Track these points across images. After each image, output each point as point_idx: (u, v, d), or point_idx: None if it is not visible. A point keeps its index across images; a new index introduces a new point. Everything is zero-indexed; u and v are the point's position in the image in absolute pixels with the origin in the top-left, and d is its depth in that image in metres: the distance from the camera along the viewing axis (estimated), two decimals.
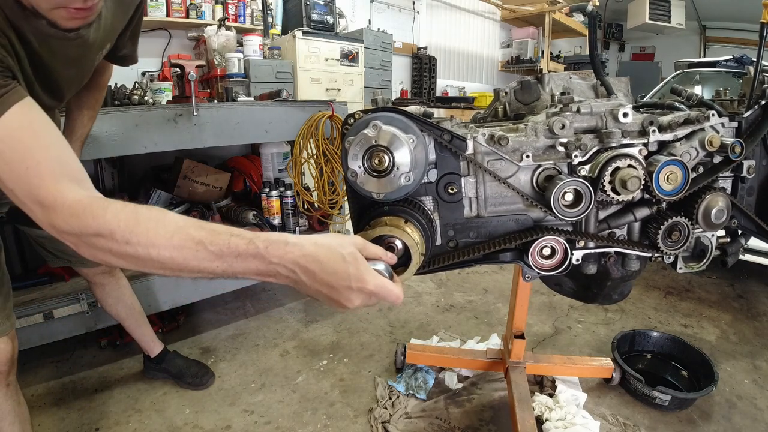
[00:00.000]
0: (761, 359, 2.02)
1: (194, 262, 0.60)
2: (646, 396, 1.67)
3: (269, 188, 2.34)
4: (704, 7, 6.81)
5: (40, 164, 0.65)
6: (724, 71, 3.70)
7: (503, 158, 0.91)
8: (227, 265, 0.60)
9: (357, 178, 0.80)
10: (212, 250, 0.59)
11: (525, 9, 5.97)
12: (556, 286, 1.21)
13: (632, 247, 0.97)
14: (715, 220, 0.95)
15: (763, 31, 1.07)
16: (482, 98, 5.23)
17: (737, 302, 2.61)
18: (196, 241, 0.60)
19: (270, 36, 3.29)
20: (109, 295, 1.62)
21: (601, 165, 0.87)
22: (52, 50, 0.88)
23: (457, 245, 0.96)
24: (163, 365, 1.80)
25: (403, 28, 5.12)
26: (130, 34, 1.19)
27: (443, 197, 0.92)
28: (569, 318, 2.40)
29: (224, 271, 0.61)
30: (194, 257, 0.60)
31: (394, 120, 0.80)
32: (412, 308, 2.50)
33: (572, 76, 1.20)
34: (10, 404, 1.12)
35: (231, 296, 2.55)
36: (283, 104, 2.16)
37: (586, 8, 1.24)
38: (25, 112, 0.70)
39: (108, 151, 1.67)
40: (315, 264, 0.60)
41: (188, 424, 1.60)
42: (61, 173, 0.66)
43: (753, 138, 1.00)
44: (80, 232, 0.62)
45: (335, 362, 1.98)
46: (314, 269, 0.60)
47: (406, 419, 1.62)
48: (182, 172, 2.38)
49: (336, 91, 3.42)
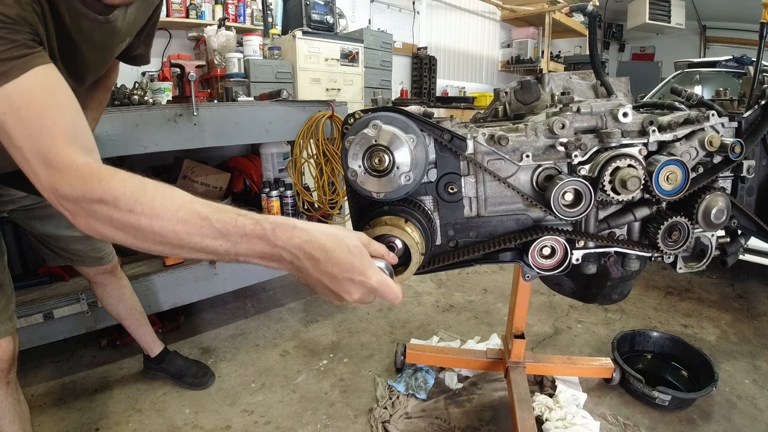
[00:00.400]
0: (761, 359, 2.02)
1: (197, 238, 0.58)
2: (646, 396, 1.67)
3: (269, 188, 2.34)
4: (704, 7, 6.82)
5: (55, 125, 0.65)
6: (724, 71, 3.70)
7: (503, 158, 0.91)
8: (231, 245, 0.59)
9: (357, 177, 0.80)
10: (217, 227, 0.58)
11: (525, 9, 5.98)
12: (556, 286, 1.21)
13: (632, 247, 0.97)
14: (714, 220, 0.95)
15: (762, 30, 1.07)
16: (482, 98, 5.23)
17: (737, 302, 2.61)
18: (202, 217, 0.58)
19: (270, 36, 3.29)
20: (111, 295, 1.61)
21: (600, 165, 0.87)
22: (81, 30, 0.88)
23: (457, 245, 0.96)
24: (163, 365, 1.80)
25: (403, 28, 5.12)
26: (146, 33, 1.19)
27: (443, 197, 0.92)
28: (569, 318, 2.40)
29: (227, 251, 0.59)
30: (198, 233, 0.58)
31: (394, 120, 0.80)
32: (412, 308, 2.50)
33: (572, 76, 1.20)
34: (9, 402, 1.12)
35: (231, 296, 2.55)
36: (283, 104, 2.16)
37: (586, 8, 1.24)
38: (49, 74, 0.70)
39: (108, 151, 1.67)
40: (320, 251, 0.59)
41: (188, 424, 1.60)
42: (74, 138, 0.66)
43: (753, 138, 1.00)
44: (83, 197, 0.60)
45: (335, 362, 1.98)
46: (319, 257, 0.59)
47: (406, 419, 1.62)
48: (182, 172, 2.38)
49: (336, 91, 3.42)
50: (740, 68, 3.58)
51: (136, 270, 1.96)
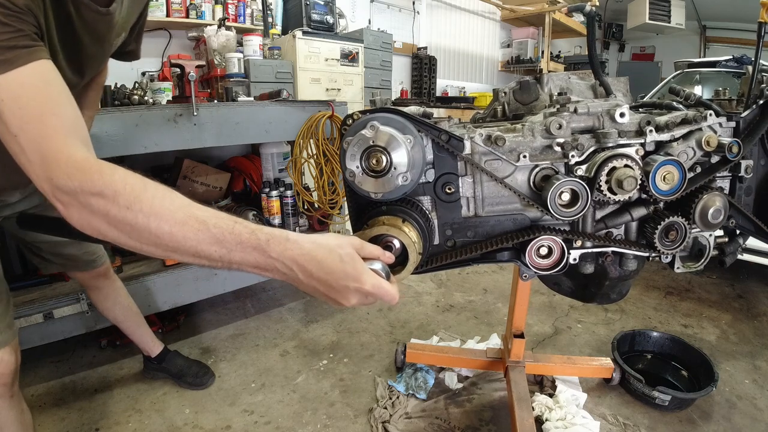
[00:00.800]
0: (761, 359, 2.02)
1: (193, 242, 0.58)
2: (646, 396, 1.67)
3: (269, 188, 2.34)
4: (704, 7, 6.81)
5: (56, 116, 0.64)
6: (724, 71, 3.70)
7: (500, 158, 0.91)
8: (225, 251, 0.58)
9: (355, 178, 0.80)
10: (214, 232, 0.58)
11: (525, 9, 5.98)
12: (555, 286, 1.21)
13: (629, 247, 0.98)
14: (712, 219, 0.95)
15: (761, 30, 1.07)
16: (482, 98, 5.23)
17: (737, 302, 2.61)
18: (200, 221, 0.58)
19: (270, 36, 3.30)
20: (106, 298, 1.61)
21: (597, 165, 0.87)
22: (85, 21, 0.87)
23: (455, 245, 0.96)
24: (163, 365, 1.80)
25: (403, 28, 5.13)
26: (138, 28, 1.20)
27: (441, 197, 0.93)
28: (569, 318, 2.40)
29: (221, 257, 0.59)
30: (194, 237, 0.58)
31: (391, 121, 0.81)
32: (412, 308, 2.50)
33: (571, 77, 1.20)
34: (14, 414, 1.13)
35: (231, 296, 2.55)
36: (283, 104, 2.16)
37: (584, 8, 1.24)
38: (51, 69, 0.69)
39: (108, 151, 1.67)
40: (312, 263, 0.60)
41: (188, 424, 1.60)
42: (74, 131, 0.65)
43: (751, 138, 1.00)
44: (81, 189, 0.59)
45: (335, 362, 1.98)
46: (311, 268, 0.60)
47: (406, 419, 1.63)
48: (182, 172, 2.39)
49: (336, 91, 3.42)
50: (740, 68, 3.58)
51: (135, 270, 1.97)
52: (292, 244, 0.60)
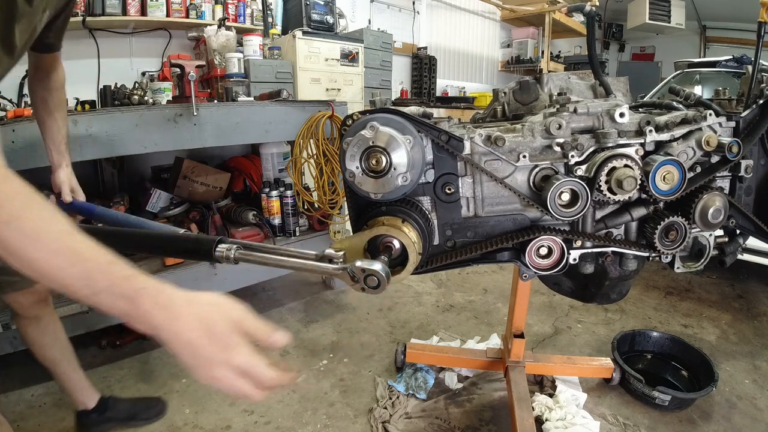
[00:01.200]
0: (761, 359, 2.02)
1: (64, 274, 0.53)
2: (646, 396, 1.67)
3: (269, 188, 2.34)
4: (704, 7, 6.81)
5: None
6: (724, 71, 3.70)
7: (500, 158, 0.91)
8: (91, 292, 0.53)
9: (355, 178, 0.81)
10: (86, 267, 0.53)
11: (525, 9, 5.97)
12: (555, 286, 1.21)
13: (629, 247, 0.98)
14: (712, 219, 0.95)
15: (760, 30, 1.07)
16: (482, 98, 5.23)
17: (737, 302, 2.60)
18: (76, 253, 0.53)
19: (270, 36, 3.30)
20: (44, 333, 1.37)
21: (597, 165, 0.87)
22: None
23: (454, 245, 0.96)
24: (107, 414, 1.53)
25: (403, 28, 5.12)
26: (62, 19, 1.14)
27: (441, 197, 0.93)
28: (569, 318, 2.40)
29: (87, 296, 0.54)
30: (67, 269, 0.53)
31: (391, 121, 0.81)
32: (412, 308, 2.50)
33: (571, 77, 1.20)
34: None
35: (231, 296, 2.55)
36: (283, 104, 2.16)
37: (584, 8, 1.24)
38: None
39: (108, 151, 1.67)
40: (177, 342, 0.54)
41: (188, 424, 1.60)
42: None
43: (751, 137, 1.00)
44: None
45: (335, 362, 1.98)
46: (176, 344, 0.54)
47: (406, 419, 1.63)
48: (182, 172, 2.39)
49: (336, 91, 3.42)
50: (740, 68, 3.58)
51: None
52: (159, 309, 0.54)
